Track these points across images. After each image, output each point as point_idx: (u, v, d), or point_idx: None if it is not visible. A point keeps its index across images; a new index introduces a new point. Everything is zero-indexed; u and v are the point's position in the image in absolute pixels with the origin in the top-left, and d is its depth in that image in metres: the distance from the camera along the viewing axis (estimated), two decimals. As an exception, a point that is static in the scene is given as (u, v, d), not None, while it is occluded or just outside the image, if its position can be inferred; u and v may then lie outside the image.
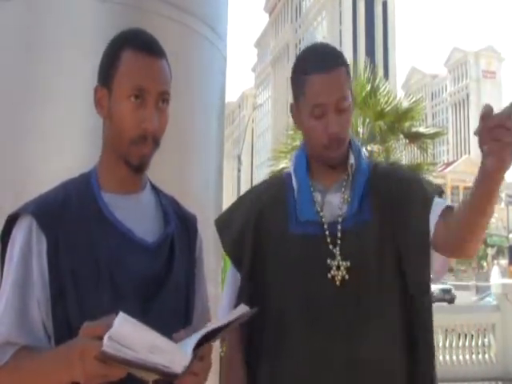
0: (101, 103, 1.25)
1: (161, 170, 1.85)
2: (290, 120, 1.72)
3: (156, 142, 1.23)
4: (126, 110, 1.20)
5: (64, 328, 1.13)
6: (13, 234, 1.19)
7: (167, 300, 1.22)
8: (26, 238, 1.16)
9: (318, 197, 1.51)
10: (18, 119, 1.95)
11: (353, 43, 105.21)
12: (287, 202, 1.53)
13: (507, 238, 47.29)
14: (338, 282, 1.41)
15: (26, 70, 1.98)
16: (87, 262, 1.15)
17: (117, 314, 0.96)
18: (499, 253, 60.11)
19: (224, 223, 1.66)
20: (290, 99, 1.63)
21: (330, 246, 1.45)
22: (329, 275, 1.42)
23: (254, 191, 1.69)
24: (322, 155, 1.50)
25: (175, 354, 0.98)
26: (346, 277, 1.42)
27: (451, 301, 25.55)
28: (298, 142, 9.11)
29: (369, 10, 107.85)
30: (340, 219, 1.47)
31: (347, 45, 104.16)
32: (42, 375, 1.09)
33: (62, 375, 1.04)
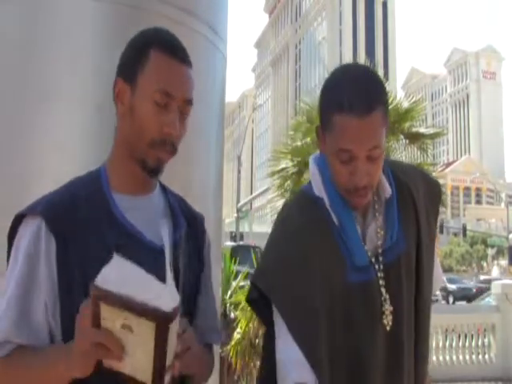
0: (121, 98, 1.22)
1: (161, 170, 1.84)
2: (290, 120, 1.63)
3: (174, 149, 1.22)
4: (149, 111, 1.18)
5: (72, 330, 1.10)
6: (19, 233, 1.17)
7: None
8: (33, 238, 1.14)
9: (358, 230, 1.36)
10: (17, 119, 1.95)
11: (353, 43, 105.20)
12: (338, 245, 1.33)
13: (507, 238, 47.27)
14: (388, 327, 1.33)
15: (25, 70, 1.98)
16: (97, 264, 1.11)
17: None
18: (499, 253, 60.12)
19: (282, 293, 1.32)
20: (290, 100, 1.55)
21: (382, 289, 1.34)
22: (384, 321, 1.33)
23: (300, 239, 1.34)
24: (346, 197, 1.33)
25: (167, 295, 0.97)
26: (391, 321, 1.33)
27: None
28: (298, 143, 9.08)
29: (369, 10, 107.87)
30: (380, 254, 1.35)
31: (347, 45, 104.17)
32: (39, 368, 1.09)
33: (60, 367, 1.04)
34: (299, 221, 1.37)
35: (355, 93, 1.24)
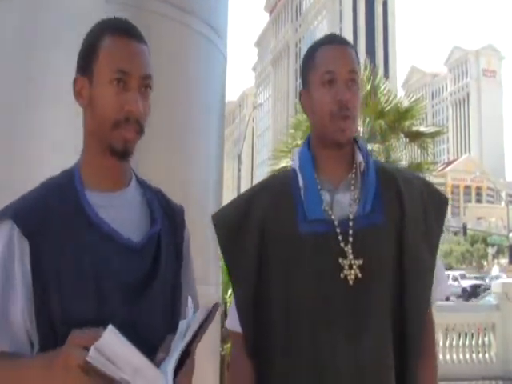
0: (81, 93, 1.22)
1: (161, 171, 1.85)
2: (291, 119, 1.69)
3: (140, 127, 1.19)
4: (108, 94, 1.17)
5: (49, 333, 1.10)
6: None
7: (155, 300, 1.19)
8: (6, 243, 1.12)
9: (326, 196, 1.45)
10: (16, 119, 1.95)
11: (353, 43, 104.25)
12: (294, 201, 1.46)
13: (507, 237, 47.28)
14: (351, 282, 1.38)
15: (26, 69, 1.98)
16: (71, 265, 1.12)
17: (106, 326, 0.95)
18: (499, 252, 60.10)
19: (224, 218, 1.57)
20: (291, 98, 1.61)
21: (342, 244, 1.40)
22: (341, 275, 1.38)
23: (258, 189, 1.58)
24: (329, 129, 1.44)
25: (157, 381, 0.96)
26: (359, 275, 1.38)
27: None
28: (298, 141, 9.11)
29: (369, 9, 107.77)
30: (351, 217, 1.42)
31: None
32: (22, 381, 1.07)
33: (43, 382, 1.02)
34: (262, 183, 1.61)
35: (327, 36, 1.54)
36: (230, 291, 7.79)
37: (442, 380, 8.27)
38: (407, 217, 1.45)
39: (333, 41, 1.50)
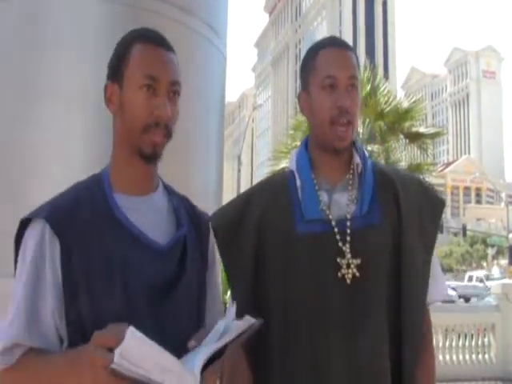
0: (111, 99, 1.25)
1: (160, 170, 1.85)
2: (290, 120, 1.68)
3: (168, 131, 1.23)
4: (138, 99, 1.20)
5: (78, 331, 1.12)
6: (25, 238, 1.18)
7: (179, 302, 1.22)
8: (38, 242, 1.15)
9: (324, 196, 1.47)
10: (16, 120, 1.95)
11: (353, 43, 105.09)
12: (292, 202, 1.47)
13: (507, 238, 47.28)
14: (348, 281, 1.39)
15: (26, 70, 1.98)
16: (100, 265, 1.15)
17: (130, 319, 0.97)
18: (499, 253, 60.12)
19: (222, 218, 1.56)
20: (290, 99, 1.61)
21: (340, 244, 1.41)
22: (339, 274, 1.39)
23: (256, 190, 1.59)
24: (328, 135, 1.44)
25: (184, 377, 0.97)
26: (357, 274, 1.39)
27: None
28: (298, 142, 9.10)
29: (369, 9, 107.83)
30: (349, 217, 1.43)
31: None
32: (50, 378, 1.09)
33: (71, 380, 1.05)
34: (261, 184, 1.61)
35: (329, 39, 1.54)
36: (229, 292, 7.78)
37: (442, 381, 8.27)
38: (404, 218, 1.46)
39: (334, 44, 1.50)
